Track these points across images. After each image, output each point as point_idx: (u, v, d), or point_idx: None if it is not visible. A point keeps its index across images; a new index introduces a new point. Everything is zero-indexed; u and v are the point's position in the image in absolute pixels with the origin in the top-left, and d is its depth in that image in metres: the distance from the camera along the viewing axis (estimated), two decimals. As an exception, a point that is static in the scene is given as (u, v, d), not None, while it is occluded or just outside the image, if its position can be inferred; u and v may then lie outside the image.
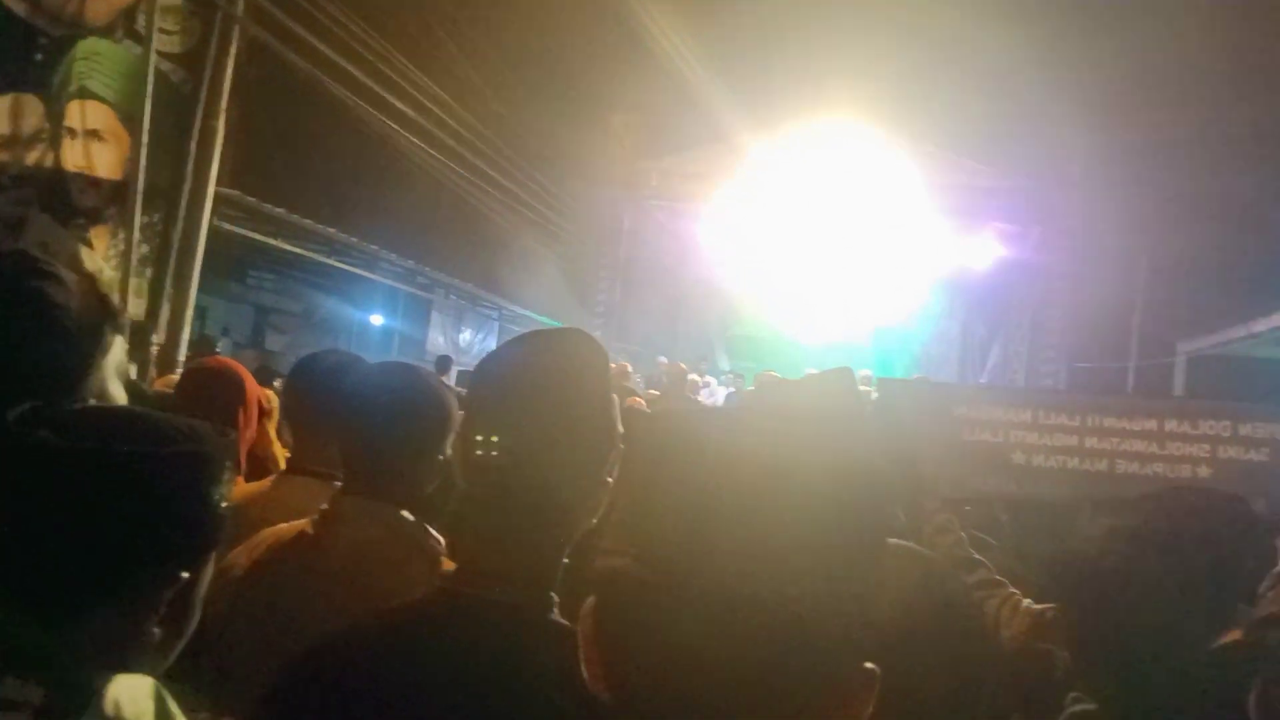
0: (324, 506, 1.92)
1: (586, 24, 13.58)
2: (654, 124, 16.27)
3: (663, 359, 14.29)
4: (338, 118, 10.13)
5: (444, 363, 11.08)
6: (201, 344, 8.05)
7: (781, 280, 16.52)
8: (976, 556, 2.23)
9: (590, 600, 0.78)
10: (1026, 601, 2.10)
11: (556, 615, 1.33)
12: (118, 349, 1.65)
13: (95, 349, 1.59)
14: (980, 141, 14.43)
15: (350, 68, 9.84)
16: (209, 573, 1.26)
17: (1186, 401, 2.36)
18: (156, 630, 1.18)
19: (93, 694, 1.05)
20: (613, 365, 9.68)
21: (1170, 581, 1.61)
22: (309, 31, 9.29)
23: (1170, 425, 2.22)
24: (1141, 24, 12.84)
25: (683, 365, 11.89)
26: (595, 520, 1.37)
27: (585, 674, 0.76)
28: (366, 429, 1.94)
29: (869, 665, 0.73)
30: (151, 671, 1.17)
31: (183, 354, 8.64)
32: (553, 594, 1.34)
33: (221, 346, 13.74)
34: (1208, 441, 2.21)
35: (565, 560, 1.37)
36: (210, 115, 8.73)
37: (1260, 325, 12.54)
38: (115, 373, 1.64)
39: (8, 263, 1.58)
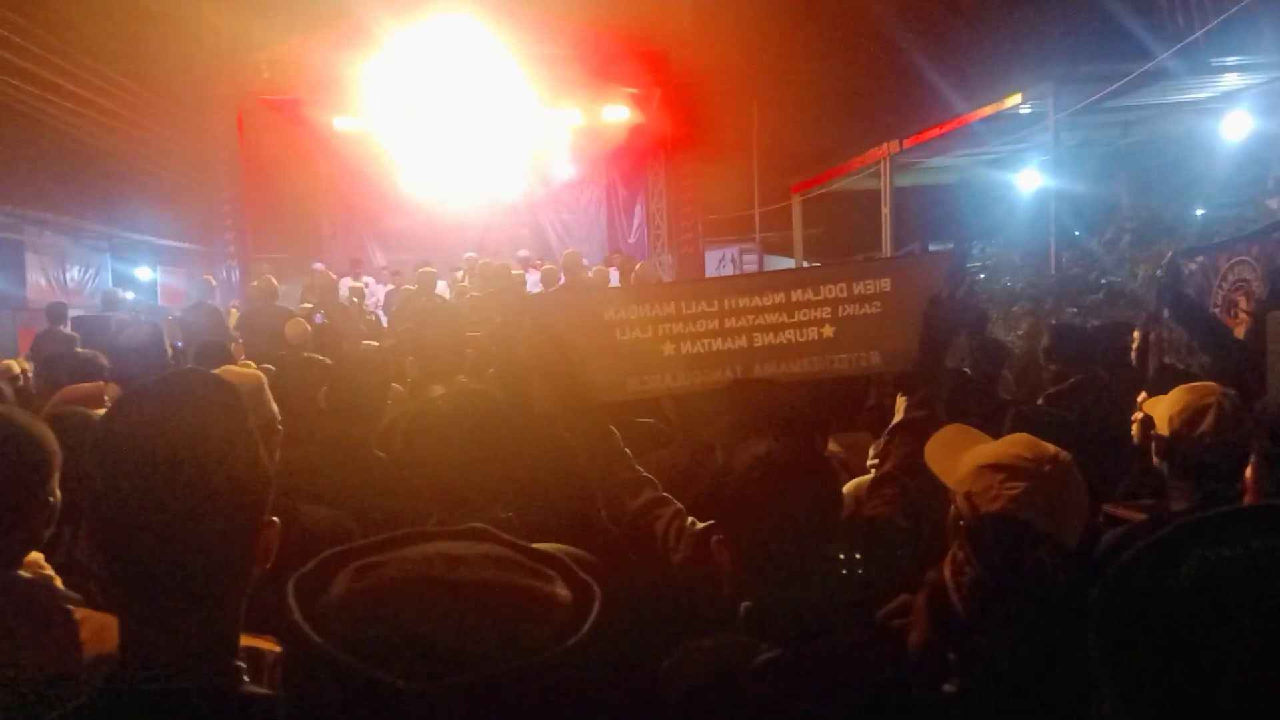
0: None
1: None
2: (253, 9, 14.75)
3: (318, 265, 13.49)
4: None
5: (57, 310, 9.67)
6: None
7: (426, 166, 16.04)
8: (644, 475, 2.27)
9: None
10: (690, 520, 2.17)
11: (249, 686, 1.26)
12: None
13: None
14: (601, 10, 14.60)
15: None
16: None
17: (809, 271, 2.60)
18: None
19: None
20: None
21: (806, 502, 1.79)
22: None
23: (796, 295, 2.43)
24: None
25: (332, 275, 11.34)
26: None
27: None
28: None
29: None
30: None
31: None
32: (239, 663, 1.27)
33: None
34: (829, 305, 2.43)
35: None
36: None
37: (857, 163, 14.08)
38: None
39: None
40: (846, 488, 2.84)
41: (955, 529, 1.77)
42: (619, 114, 16.28)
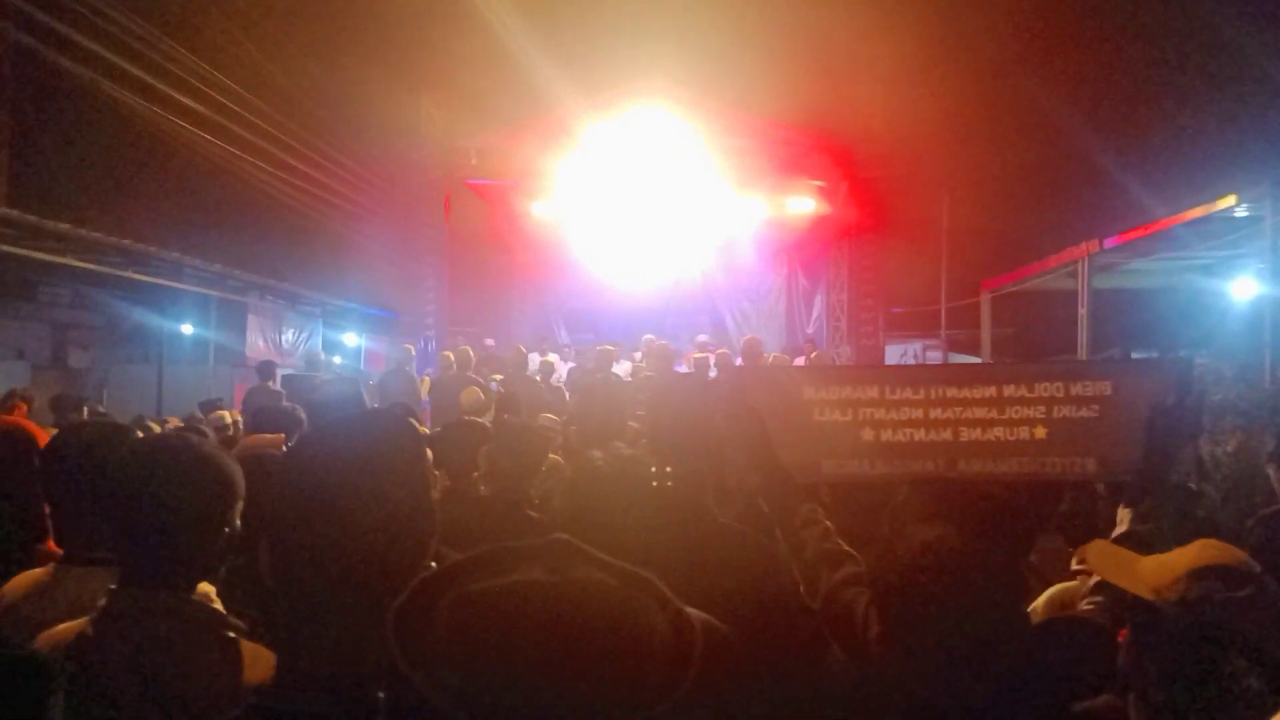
0: (102, 602, 1.79)
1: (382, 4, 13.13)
2: (467, 101, 15.95)
3: (489, 340, 14.22)
4: (123, 122, 9.41)
5: (266, 369, 10.56)
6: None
7: (611, 249, 16.65)
8: (846, 549, 2.20)
9: None
10: None
11: None
12: None
13: None
14: (791, 104, 14.86)
15: (130, 67, 9.16)
16: None
17: (1023, 366, 2.40)
18: None
19: None
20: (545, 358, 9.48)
21: (975, 596, 1.71)
22: (81, 33, 8.56)
23: (1008, 390, 2.27)
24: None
25: (521, 347, 11.82)
26: None
27: None
28: (137, 512, 1.82)
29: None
30: None
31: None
32: (381, 694, 1.31)
33: (17, 369, 12.71)
34: (1043, 403, 2.26)
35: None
36: (-28, 130, 7.97)
37: (1053, 261, 13.50)
38: None
39: None
40: (1052, 592, 2.65)
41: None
42: (804, 205, 16.38)
